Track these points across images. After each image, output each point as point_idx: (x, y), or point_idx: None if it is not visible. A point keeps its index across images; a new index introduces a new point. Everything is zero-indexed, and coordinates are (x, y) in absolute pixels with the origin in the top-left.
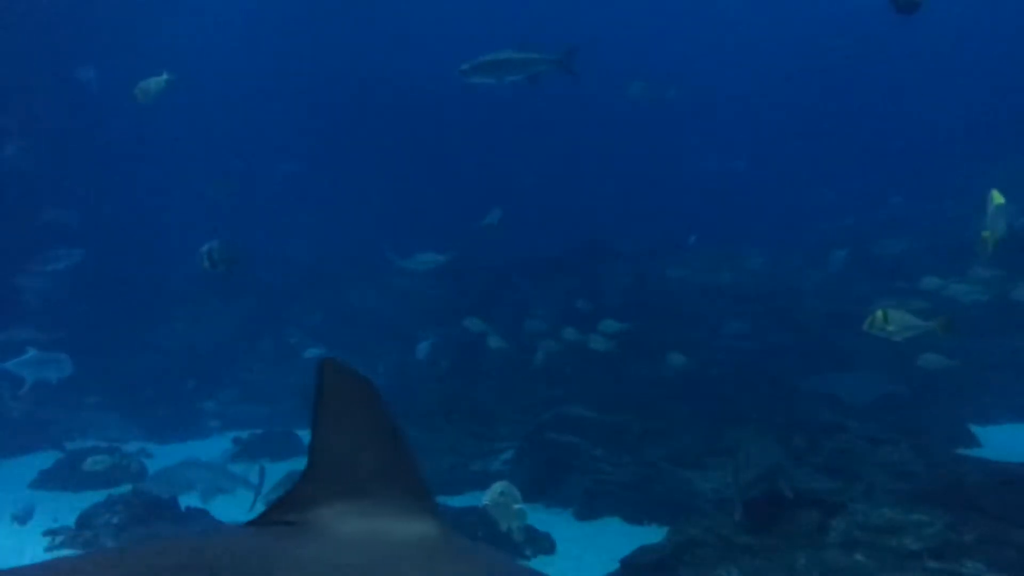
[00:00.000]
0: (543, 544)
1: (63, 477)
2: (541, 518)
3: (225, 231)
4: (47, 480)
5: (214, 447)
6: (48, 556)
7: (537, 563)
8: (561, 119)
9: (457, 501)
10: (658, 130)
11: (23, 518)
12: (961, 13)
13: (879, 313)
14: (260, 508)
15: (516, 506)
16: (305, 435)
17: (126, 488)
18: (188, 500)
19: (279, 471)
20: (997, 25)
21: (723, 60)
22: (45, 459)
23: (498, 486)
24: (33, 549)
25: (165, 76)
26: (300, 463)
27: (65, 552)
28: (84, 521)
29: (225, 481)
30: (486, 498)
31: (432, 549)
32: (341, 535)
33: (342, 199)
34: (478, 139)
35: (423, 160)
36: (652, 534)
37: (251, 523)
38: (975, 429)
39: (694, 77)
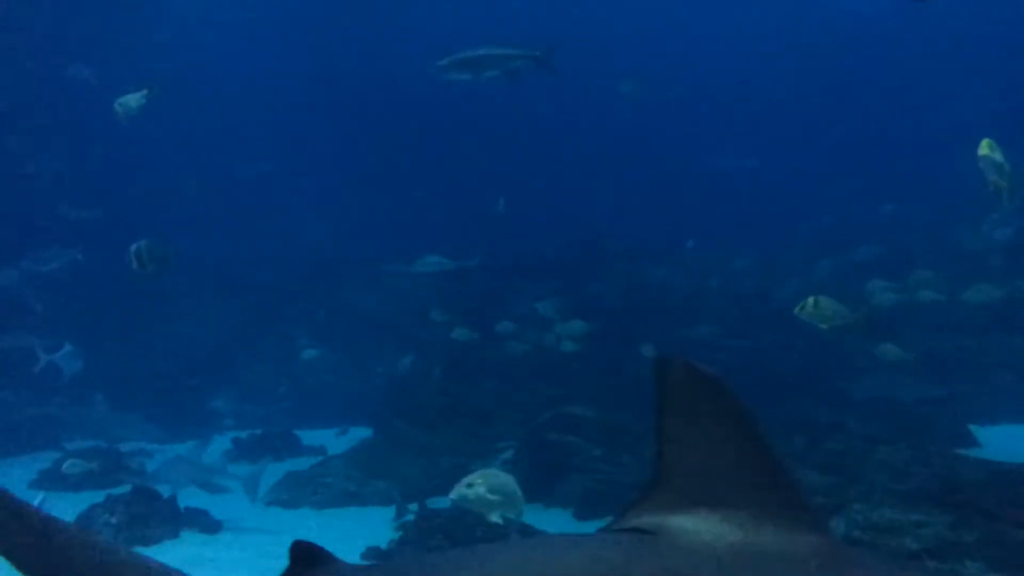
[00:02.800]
0: None
1: (63, 477)
2: (541, 518)
3: (238, 231)
4: (47, 480)
5: (214, 447)
6: None
7: None
8: (566, 120)
9: None
10: (668, 129)
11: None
12: (975, 13)
13: (811, 300)
14: (260, 505)
15: (493, 496)
16: (304, 435)
17: (126, 488)
18: (187, 500)
19: (279, 471)
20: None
21: (731, 59)
22: (45, 459)
23: (466, 479)
24: None
25: (145, 91)
26: (300, 463)
27: None
28: (83, 521)
29: (223, 479)
30: (453, 493)
31: (827, 564)
32: (717, 548)
33: (343, 199)
34: (482, 140)
35: (423, 160)
36: None
37: (605, 529)
38: (975, 429)
39: (705, 76)
